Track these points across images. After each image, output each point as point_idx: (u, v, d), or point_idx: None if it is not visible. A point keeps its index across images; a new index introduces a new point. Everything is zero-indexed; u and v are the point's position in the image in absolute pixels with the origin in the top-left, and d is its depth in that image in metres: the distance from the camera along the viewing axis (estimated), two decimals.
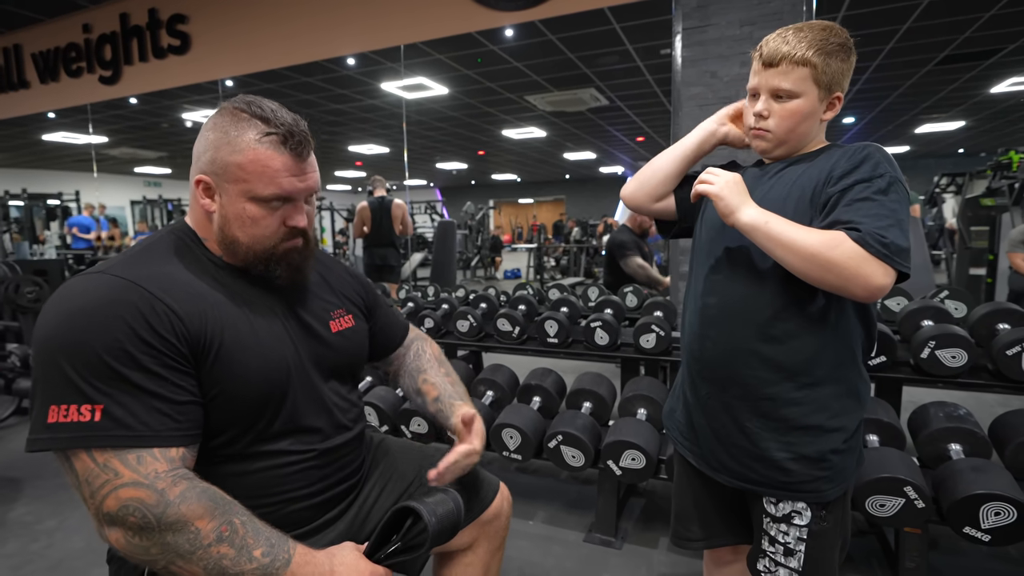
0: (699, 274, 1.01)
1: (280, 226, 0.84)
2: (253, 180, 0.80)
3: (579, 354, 2.25)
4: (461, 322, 2.37)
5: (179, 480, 0.71)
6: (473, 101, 6.74)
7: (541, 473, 2.38)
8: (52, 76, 4.49)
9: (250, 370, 0.80)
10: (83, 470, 0.69)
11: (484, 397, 2.18)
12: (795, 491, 0.91)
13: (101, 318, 0.71)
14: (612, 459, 1.74)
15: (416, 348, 1.15)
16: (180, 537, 0.69)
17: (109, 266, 0.77)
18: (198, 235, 0.87)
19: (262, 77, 5.33)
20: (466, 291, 3.30)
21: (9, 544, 1.90)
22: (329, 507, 0.90)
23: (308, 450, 0.87)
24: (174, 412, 0.73)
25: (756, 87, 0.93)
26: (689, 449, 1.05)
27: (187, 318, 0.76)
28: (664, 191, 1.10)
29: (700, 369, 0.98)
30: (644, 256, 3.42)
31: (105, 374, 0.69)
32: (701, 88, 2.40)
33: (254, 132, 0.80)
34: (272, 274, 0.86)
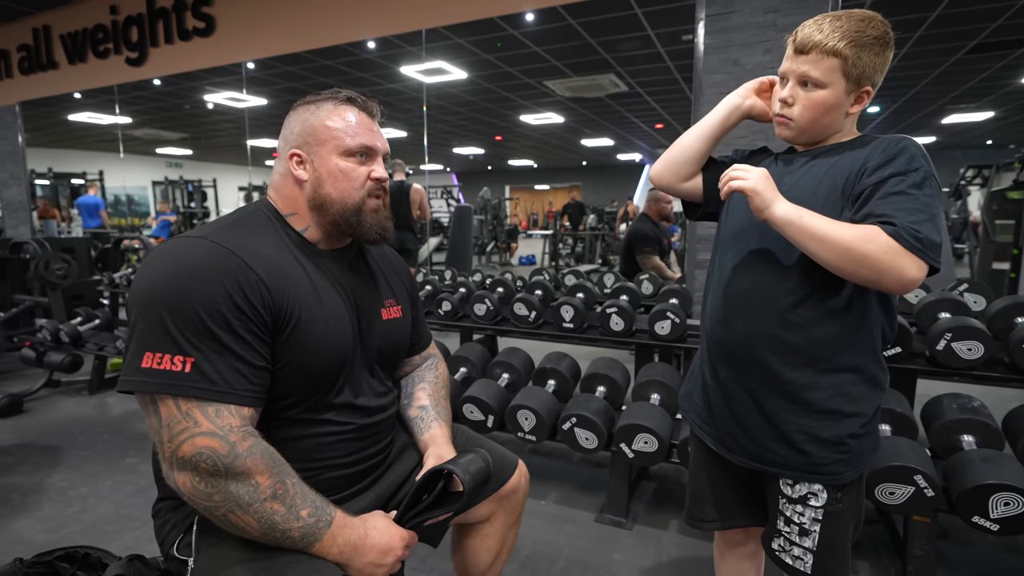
0: (724, 260, 1.02)
1: (366, 179, 0.93)
2: (341, 135, 0.91)
3: (594, 339, 2.27)
4: (478, 306, 2.40)
5: (247, 436, 0.77)
6: (492, 86, 6.71)
7: (554, 455, 2.42)
8: (80, 57, 4.57)
9: (320, 345, 0.86)
10: (167, 415, 0.75)
11: (500, 379, 2.22)
12: (812, 473, 0.94)
13: (202, 278, 0.77)
14: (625, 442, 1.77)
15: (431, 363, 1.19)
16: (242, 488, 0.75)
17: (208, 232, 0.83)
18: (281, 213, 0.94)
19: (284, 60, 5.36)
20: (483, 276, 3.33)
21: (45, 508, 2.00)
22: (361, 478, 0.96)
23: (349, 423, 0.93)
24: (251, 375, 0.79)
25: (785, 72, 0.93)
26: (706, 431, 1.08)
27: (274, 290, 0.82)
28: (691, 171, 1.11)
29: (721, 353, 1.00)
30: (663, 251, 3.43)
31: (200, 330, 0.75)
32: (723, 76, 2.38)
33: (331, 102, 0.93)
34: (363, 226, 0.93)
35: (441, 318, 2.54)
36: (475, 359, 2.34)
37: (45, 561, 1.16)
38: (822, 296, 0.90)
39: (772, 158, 1.04)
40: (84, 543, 1.77)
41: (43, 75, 4.85)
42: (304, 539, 0.78)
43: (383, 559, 0.82)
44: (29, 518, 1.93)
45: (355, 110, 0.93)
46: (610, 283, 2.95)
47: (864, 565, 1.65)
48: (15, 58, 4.97)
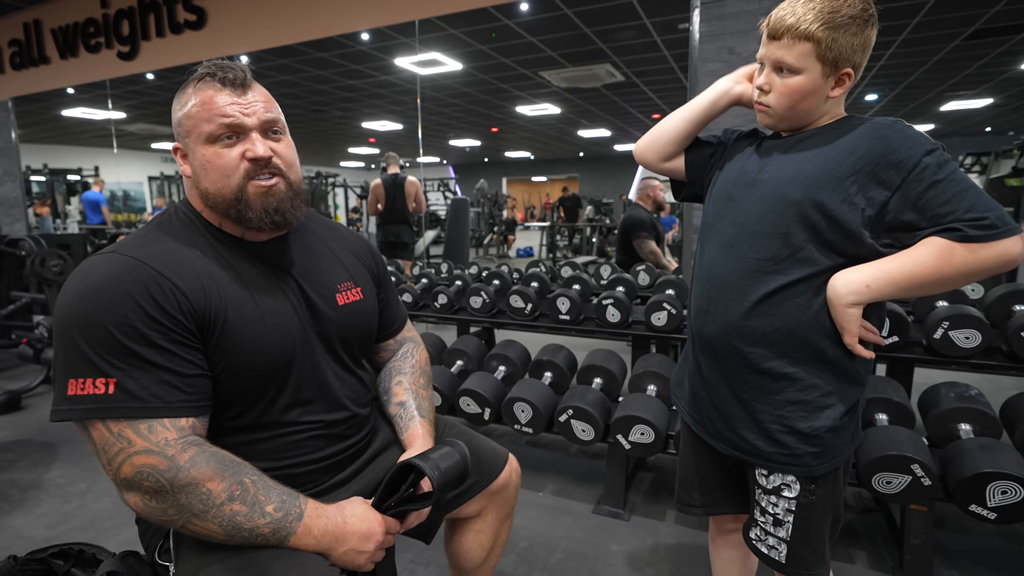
0: (703, 251, 1.02)
1: (240, 161, 0.83)
2: (199, 122, 0.82)
3: (590, 331, 2.26)
4: (474, 298, 2.39)
5: (188, 446, 0.75)
6: (487, 77, 6.65)
7: (551, 447, 2.42)
8: (71, 52, 4.51)
9: (256, 344, 0.82)
10: (100, 439, 0.74)
11: (496, 372, 2.21)
12: (785, 464, 0.93)
13: (110, 296, 0.74)
14: (621, 433, 1.77)
15: (406, 349, 1.12)
16: (193, 498, 0.73)
17: (120, 246, 0.80)
18: (196, 210, 0.88)
19: (277, 53, 5.30)
20: (479, 268, 3.31)
21: (44, 504, 1.99)
22: (338, 469, 0.93)
23: (316, 421, 0.89)
24: (183, 384, 0.77)
25: (761, 58, 0.91)
26: (693, 418, 1.08)
27: (192, 295, 0.78)
28: (673, 151, 1.09)
29: (702, 342, 1.00)
30: (659, 238, 3.41)
31: (116, 349, 0.73)
32: (719, 64, 2.36)
33: (191, 84, 0.85)
34: (247, 217, 0.83)
35: (437, 311, 2.52)
36: (471, 352, 2.33)
37: (39, 558, 1.15)
38: (794, 287, 0.88)
39: (758, 143, 1.01)
40: (83, 538, 1.77)
41: (35, 70, 4.79)
42: (276, 534, 0.76)
43: (364, 545, 0.80)
44: (28, 514, 1.92)
45: (215, 86, 0.83)
46: (606, 275, 2.93)
47: (861, 554, 1.65)
48: (6, 53, 4.91)
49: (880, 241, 0.86)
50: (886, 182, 0.83)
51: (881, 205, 0.84)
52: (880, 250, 0.85)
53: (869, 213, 0.84)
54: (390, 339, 1.11)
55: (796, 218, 0.87)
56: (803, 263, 0.87)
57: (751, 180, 0.95)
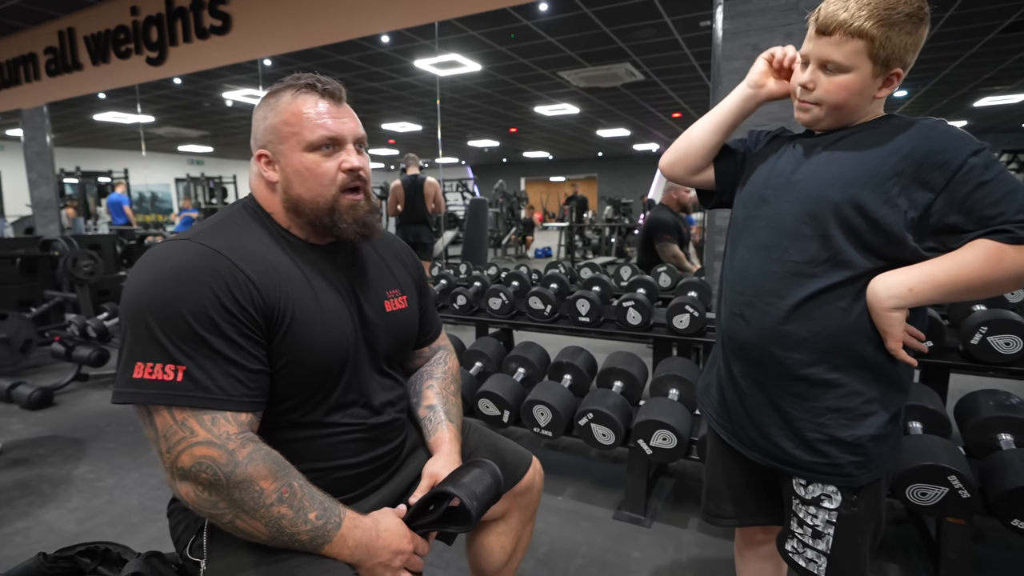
0: (734, 253, 0.98)
1: (337, 172, 0.86)
2: (300, 129, 0.85)
3: (611, 334, 2.24)
4: (493, 299, 2.38)
5: (247, 442, 0.75)
6: (506, 77, 6.64)
7: (571, 450, 2.39)
8: (103, 58, 4.63)
9: (317, 343, 0.83)
10: (163, 426, 0.73)
11: (515, 374, 2.19)
12: (826, 474, 0.89)
13: (188, 283, 0.74)
14: (643, 438, 1.74)
15: (440, 356, 1.14)
16: (245, 495, 0.73)
17: (195, 234, 0.81)
18: (265, 210, 0.90)
19: (299, 56, 5.37)
20: (498, 269, 3.30)
21: (74, 499, 2.04)
22: (371, 477, 0.93)
23: (358, 424, 0.90)
24: (247, 379, 0.77)
25: (806, 54, 0.87)
26: (722, 426, 1.04)
27: (264, 290, 0.79)
28: (703, 163, 1.06)
29: (734, 347, 0.97)
30: (682, 241, 3.36)
31: (189, 337, 0.73)
32: (742, 62, 2.30)
33: (289, 92, 0.87)
34: (339, 227, 0.87)
35: (456, 312, 2.52)
36: (490, 353, 2.32)
37: (67, 556, 1.16)
38: (834, 291, 0.85)
39: (790, 142, 0.98)
40: (111, 533, 1.80)
41: (69, 76, 4.93)
42: (313, 541, 0.76)
43: (393, 560, 0.80)
44: (59, 508, 1.97)
45: (315, 97, 0.86)
46: (627, 276, 2.90)
47: (894, 568, 1.59)
48: (42, 60, 5.06)
49: (923, 244, 0.82)
50: (930, 183, 0.79)
51: (925, 207, 0.80)
52: (923, 253, 0.82)
53: (912, 215, 0.81)
54: (426, 347, 1.13)
55: (835, 219, 0.84)
56: (843, 266, 0.84)
57: (784, 181, 0.92)
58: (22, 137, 5.52)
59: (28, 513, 1.94)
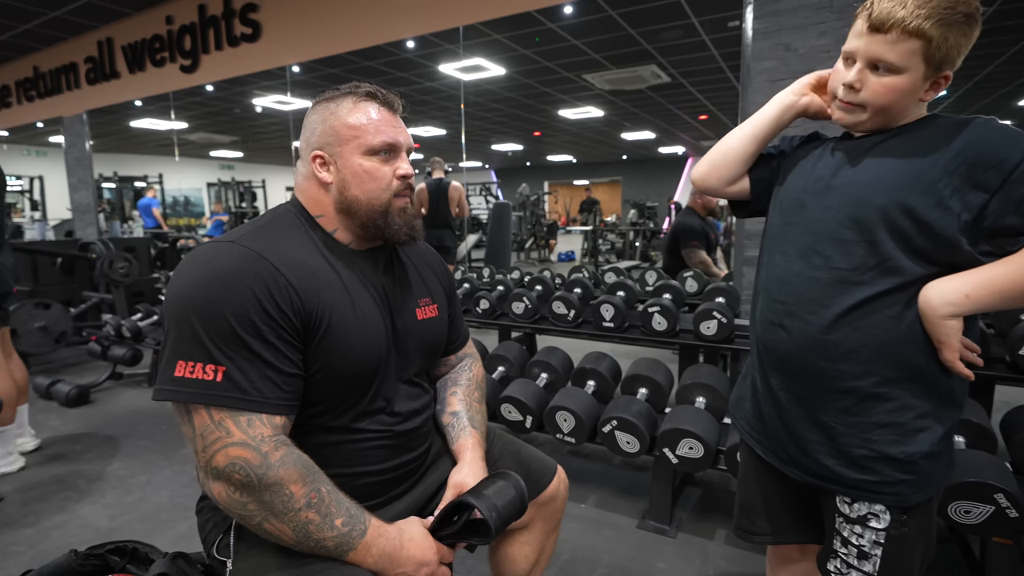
0: (772, 259, 0.95)
1: (392, 178, 0.90)
2: (362, 133, 0.88)
3: (635, 339, 2.20)
4: (516, 304, 2.37)
5: (280, 445, 0.76)
6: (530, 81, 6.65)
7: (594, 457, 2.36)
8: (139, 66, 4.78)
9: (352, 349, 0.84)
10: (200, 424, 0.74)
11: (538, 379, 2.18)
12: (874, 492, 0.85)
13: (232, 284, 0.76)
14: (668, 447, 1.70)
15: (465, 364, 1.14)
16: (276, 498, 0.74)
17: (238, 236, 0.82)
18: (310, 213, 0.91)
19: (326, 62, 5.46)
20: (521, 273, 3.29)
21: (108, 495, 2.09)
22: (396, 484, 0.94)
23: (384, 431, 0.90)
24: (283, 382, 0.78)
25: (853, 52, 0.82)
26: (757, 440, 1.01)
27: (304, 294, 0.80)
28: (738, 173, 1.03)
29: (772, 358, 0.93)
30: (710, 246, 3.31)
31: (230, 338, 0.74)
32: (773, 62, 2.25)
33: (350, 98, 0.90)
34: (391, 228, 0.90)
35: (479, 316, 2.51)
36: (513, 358, 2.31)
37: (97, 554, 1.19)
38: (883, 298, 0.81)
39: (826, 146, 0.94)
40: (141, 530, 1.85)
41: (107, 84, 5.11)
42: (338, 548, 0.76)
43: (417, 571, 0.80)
44: (94, 503, 2.03)
45: (376, 105, 0.89)
46: (652, 281, 2.86)
47: None
48: (82, 69, 5.25)
49: (978, 248, 0.78)
50: (984, 184, 0.76)
51: (979, 209, 0.76)
52: (978, 258, 0.78)
53: (966, 218, 0.77)
54: (452, 355, 1.13)
55: (882, 224, 0.80)
56: (892, 272, 0.80)
57: (824, 186, 0.89)
58: (63, 143, 5.74)
59: (65, 508, 2.00)
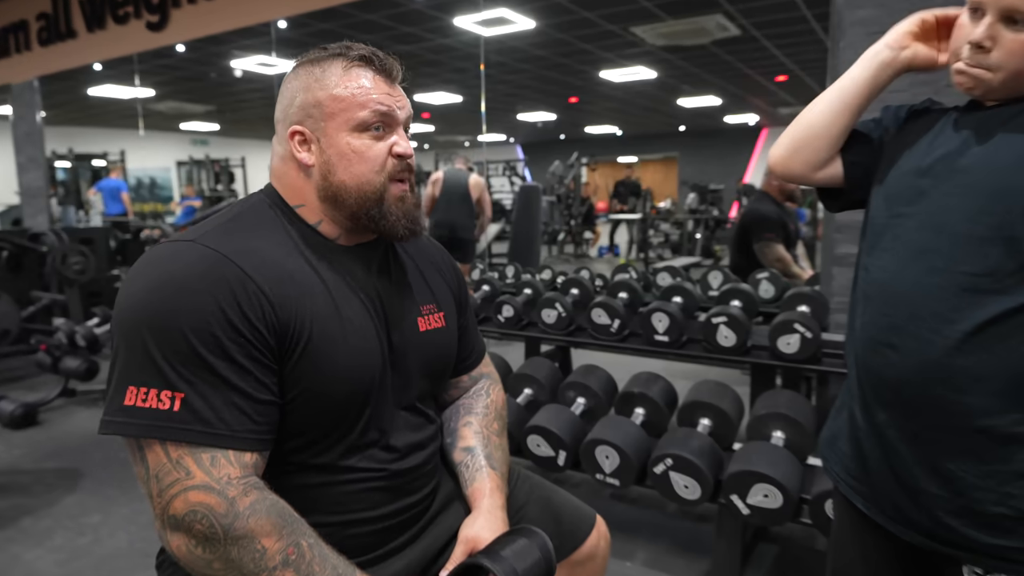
0: (876, 260, 0.93)
1: (387, 157, 0.89)
2: (350, 106, 0.86)
3: (695, 357, 2.18)
4: (547, 311, 2.36)
5: (250, 489, 0.75)
6: (565, 36, 6.65)
7: (642, 503, 2.35)
8: (99, 24, 4.93)
9: (338, 368, 0.83)
10: (155, 464, 0.74)
11: (574, 405, 2.17)
12: (1015, 563, 0.82)
13: (191, 293, 0.75)
14: (737, 493, 1.68)
15: (481, 386, 1.14)
16: (245, 554, 0.73)
17: (199, 234, 0.82)
18: (288, 203, 0.91)
19: (318, 16, 5.55)
20: (553, 272, 3.29)
21: (56, 536, 2.16)
22: (395, 533, 0.93)
23: (379, 469, 0.89)
24: (253, 412, 0.77)
25: (980, 3, 0.81)
26: (856, 490, 0.98)
27: (278, 304, 0.80)
28: (828, 154, 1.01)
29: (878, 388, 0.91)
30: (788, 239, 3.26)
31: (189, 358, 0.74)
32: (872, 9, 2.20)
33: (339, 62, 0.88)
34: (388, 220, 0.89)
35: (502, 326, 2.52)
36: (543, 378, 2.30)
37: None
38: None
39: (947, 117, 0.92)
40: None
41: (62, 45, 5.29)
42: None
43: None
44: (40, 547, 2.09)
45: (370, 72, 0.88)
46: (717, 283, 2.82)
47: None
48: (34, 28, 5.45)
49: None
50: None
51: None
52: None
53: None
54: (464, 374, 1.12)
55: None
56: None
57: (947, 168, 0.86)
58: (11, 116, 5.96)
59: (6, 550, 2.07)
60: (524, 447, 2.03)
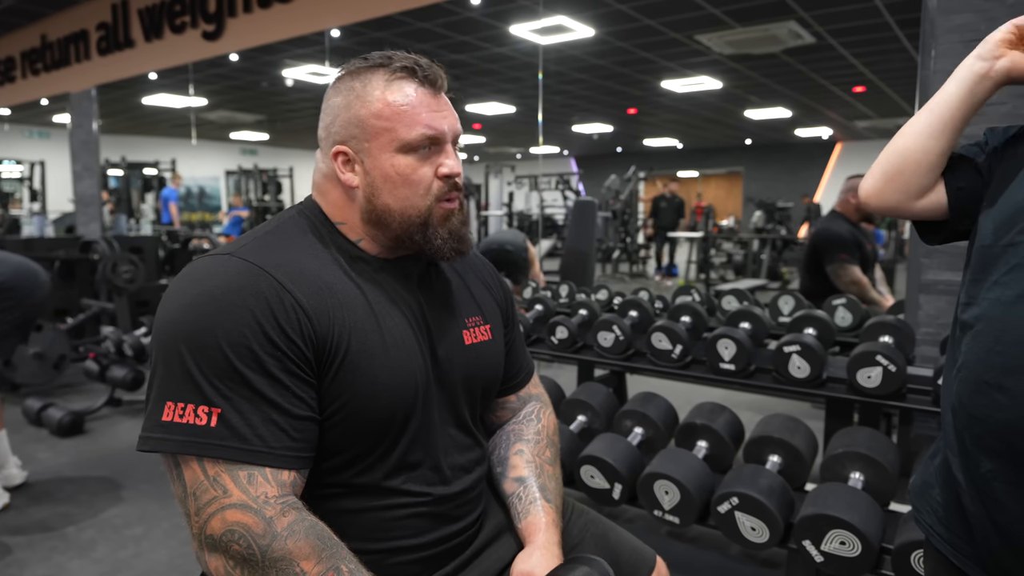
0: (988, 294, 0.88)
1: (433, 179, 0.89)
2: (395, 124, 0.86)
3: (764, 388, 2.12)
4: (604, 334, 2.34)
5: (288, 509, 0.76)
6: (625, 44, 6.66)
7: (703, 543, 2.29)
8: (156, 33, 5.22)
9: (376, 383, 0.83)
10: (192, 481, 0.76)
11: (631, 435, 2.13)
12: None
13: (228, 306, 0.77)
14: (810, 539, 1.62)
15: (531, 410, 1.13)
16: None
17: (237, 248, 0.84)
18: (331, 219, 0.92)
19: (371, 25, 5.72)
20: (610, 293, 3.26)
21: (99, 548, 2.25)
22: (439, 563, 0.93)
23: (424, 494, 0.89)
24: (291, 428, 0.78)
25: None
26: (952, 543, 0.93)
27: (315, 316, 0.81)
28: (927, 180, 0.97)
29: (982, 434, 0.86)
30: (865, 261, 3.17)
31: (226, 372, 0.76)
32: (970, 15, 2.13)
33: (381, 75, 0.88)
34: (433, 244, 0.89)
35: (555, 347, 2.51)
36: (598, 405, 2.28)
37: None
38: None
39: None
40: None
41: (120, 55, 5.61)
42: None
43: None
44: (83, 558, 2.18)
45: (413, 84, 0.87)
46: (788, 309, 2.75)
47: None
48: (93, 38, 5.80)
49: None
50: None
51: None
52: None
53: None
54: (512, 394, 1.11)
55: None
56: None
57: None
58: (69, 124, 6.34)
59: (50, 560, 2.16)
60: (577, 478, 2.01)
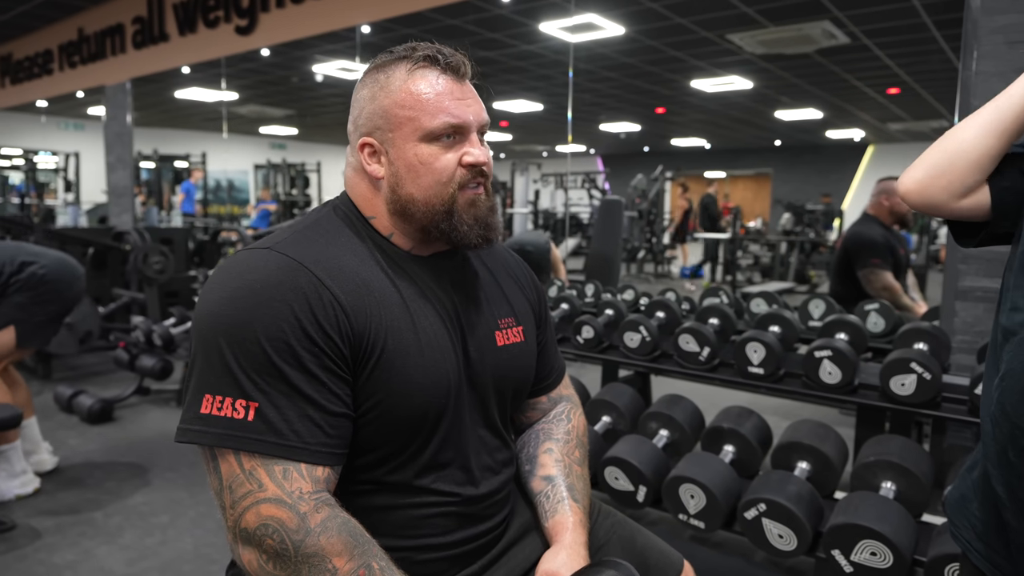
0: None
1: (456, 167, 0.88)
2: (418, 114, 0.86)
3: (794, 393, 2.09)
4: (631, 334, 2.33)
5: (321, 506, 0.76)
6: (656, 43, 6.62)
7: (727, 548, 2.26)
8: (190, 27, 5.30)
9: (410, 382, 0.84)
10: (228, 474, 0.76)
11: (656, 437, 2.12)
12: None
13: (267, 300, 0.78)
14: (840, 548, 1.59)
15: (562, 410, 1.13)
16: (315, 573, 0.74)
17: (275, 242, 0.85)
18: (362, 214, 0.93)
19: (402, 21, 5.74)
20: (636, 293, 3.24)
21: (126, 534, 2.29)
22: (467, 561, 0.93)
23: (453, 494, 0.89)
24: (326, 424, 0.79)
25: None
26: (991, 560, 0.91)
27: (352, 313, 0.81)
28: (975, 180, 0.95)
29: None
30: (898, 267, 3.11)
31: (264, 367, 0.76)
32: (1016, 16, 2.07)
33: (404, 66, 0.88)
34: (459, 231, 0.89)
35: (580, 347, 2.50)
36: (623, 407, 2.27)
37: None
38: None
39: None
40: None
41: (154, 48, 5.71)
42: None
43: None
44: (110, 544, 2.22)
45: (436, 72, 0.87)
46: (819, 313, 2.71)
47: None
48: (129, 32, 5.91)
49: None
50: None
51: None
52: None
53: None
54: (543, 395, 1.11)
55: None
56: None
57: None
58: (103, 116, 6.47)
59: (78, 545, 2.21)
60: (601, 479, 2.00)
